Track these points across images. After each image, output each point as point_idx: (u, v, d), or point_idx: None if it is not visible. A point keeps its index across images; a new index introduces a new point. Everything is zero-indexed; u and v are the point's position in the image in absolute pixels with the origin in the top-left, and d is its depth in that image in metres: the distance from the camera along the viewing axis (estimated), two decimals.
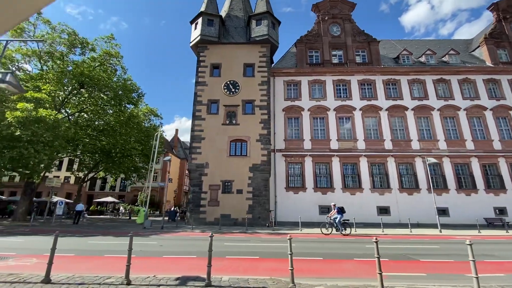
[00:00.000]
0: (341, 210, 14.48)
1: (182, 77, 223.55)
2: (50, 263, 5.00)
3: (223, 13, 25.99)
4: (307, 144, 21.83)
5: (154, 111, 29.96)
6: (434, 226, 17.58)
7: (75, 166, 41.16)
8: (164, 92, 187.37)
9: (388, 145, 21.75)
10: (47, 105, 18.27)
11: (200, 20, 23.17)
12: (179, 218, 25.92)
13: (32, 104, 15.89)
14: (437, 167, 21.07)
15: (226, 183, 19.77)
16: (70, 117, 23.18)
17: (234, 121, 21.28)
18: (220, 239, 11.75)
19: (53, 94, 19.09)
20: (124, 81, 24.18)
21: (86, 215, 26.85)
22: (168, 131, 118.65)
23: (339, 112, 22.72)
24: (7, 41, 6.12)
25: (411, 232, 15.42)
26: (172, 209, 27.98)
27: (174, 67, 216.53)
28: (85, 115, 23.68)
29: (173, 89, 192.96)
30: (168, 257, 7.78)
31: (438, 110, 22.52)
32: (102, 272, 5.68)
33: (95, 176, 32.40)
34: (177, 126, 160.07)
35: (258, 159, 20.24)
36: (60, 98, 20.61)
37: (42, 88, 18.48)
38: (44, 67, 21.33)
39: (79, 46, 21.80)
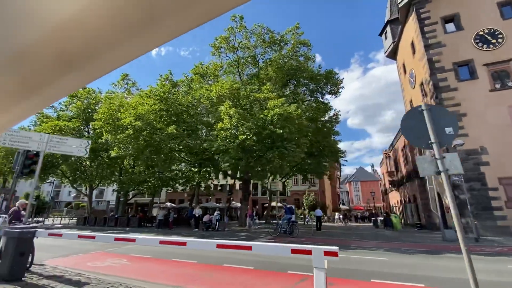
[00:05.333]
0: (289, 210, 13.52)
1: None
2: None
3: None
4: None
5: None
6: None
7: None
8: None
9: None
10: None
11: None
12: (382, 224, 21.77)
13: (282, 100, 14.61)
14: None
15: None
16: None
17: (510, 83, 14.68)
18: None
19: (275, 92, 18.04)
20: (315, 71, 21.60)
21: (256, 220, 24.84)
22: None
23: None
24: None
25: None
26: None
27: None
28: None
29: None
30: None
31: None
32: None
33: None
34: None
35: None
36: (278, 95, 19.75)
37: (263, 89, 17.53)
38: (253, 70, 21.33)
39: (277, 42, 20.65)
